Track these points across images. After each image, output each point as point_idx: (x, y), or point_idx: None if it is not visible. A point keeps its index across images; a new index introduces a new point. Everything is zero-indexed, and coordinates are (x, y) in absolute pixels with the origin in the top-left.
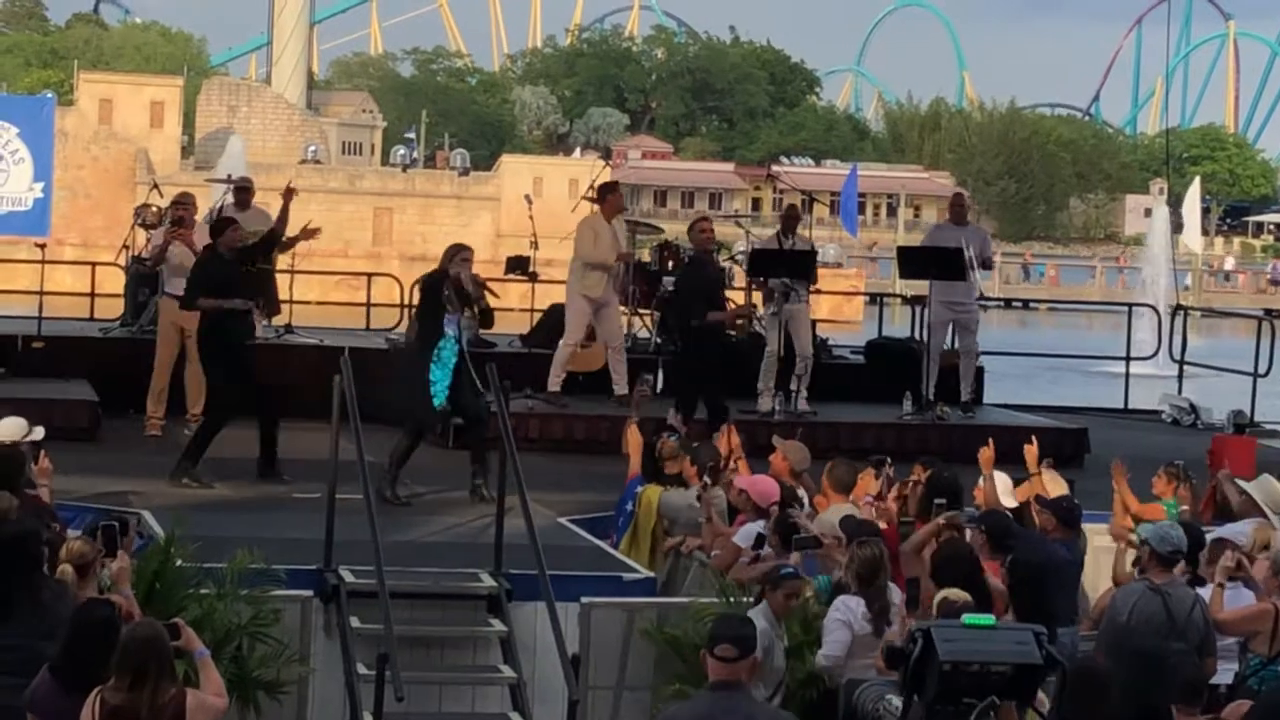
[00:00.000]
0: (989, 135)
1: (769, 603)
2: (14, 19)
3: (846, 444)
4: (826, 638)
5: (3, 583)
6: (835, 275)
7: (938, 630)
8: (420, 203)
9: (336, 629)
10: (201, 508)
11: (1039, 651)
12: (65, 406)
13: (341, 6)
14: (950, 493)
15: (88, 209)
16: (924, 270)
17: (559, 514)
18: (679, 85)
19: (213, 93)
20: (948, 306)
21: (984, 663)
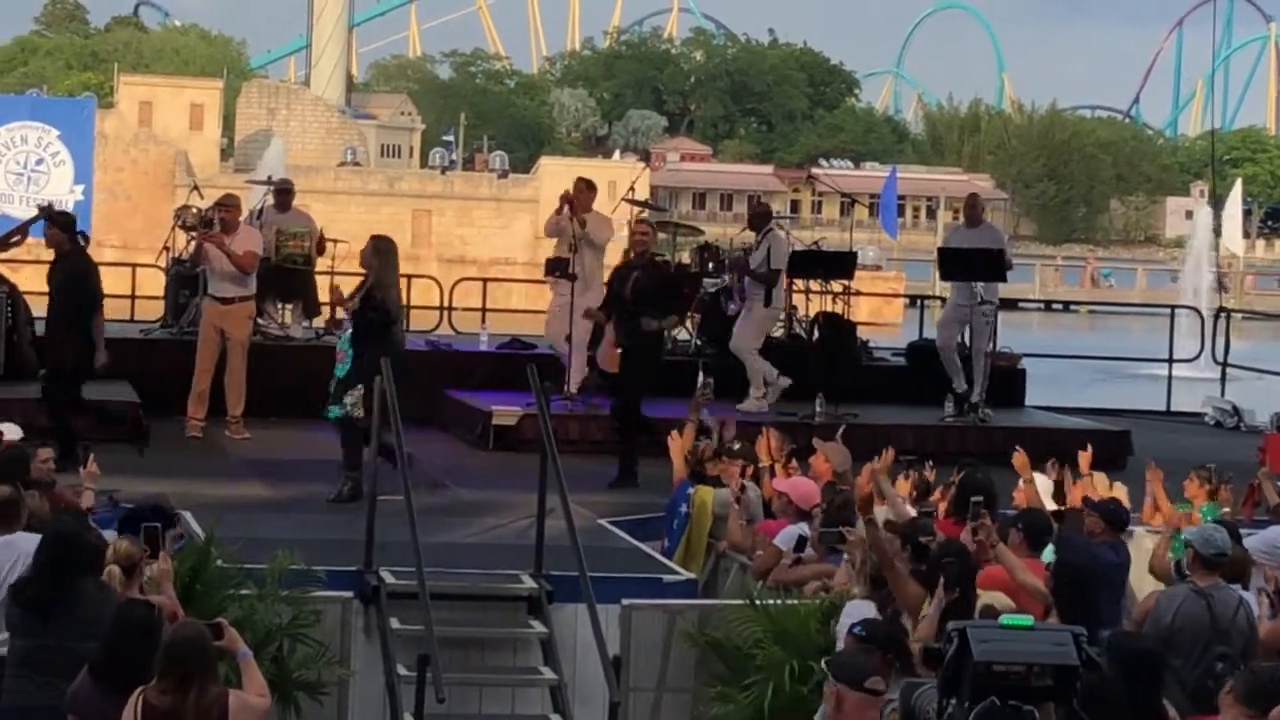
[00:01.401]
0: (1029, 137)
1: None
2: (54, 22)
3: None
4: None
5: (43, 584)
6: (874, 278)
7: (973, 630)
8: (459, 205)
9: (377, 630)
10: (241, 508)
11: (1078, 653)
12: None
13: (380, 9)
14: (984, 493)
15: (127, 211)
16: (965, 271)
17: (598, 515)
18: (718, 87)
19: (252, 95)
20: (958, 307)
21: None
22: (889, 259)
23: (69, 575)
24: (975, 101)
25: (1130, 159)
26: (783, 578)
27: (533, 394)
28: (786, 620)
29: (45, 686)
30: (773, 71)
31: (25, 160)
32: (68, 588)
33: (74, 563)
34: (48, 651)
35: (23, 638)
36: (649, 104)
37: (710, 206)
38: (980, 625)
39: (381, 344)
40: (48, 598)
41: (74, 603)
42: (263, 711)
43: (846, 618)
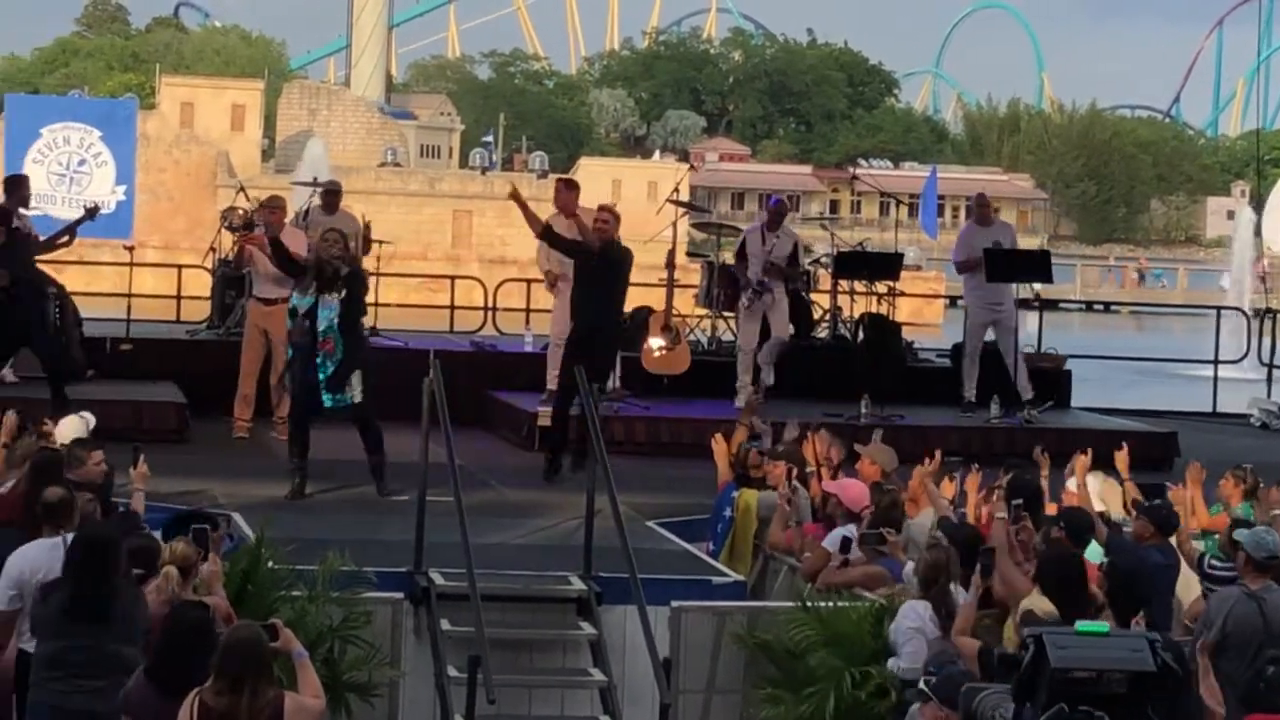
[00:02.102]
0: (1068, 137)
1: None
2: (95, 23)
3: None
4: (903, 648)
5: (85, 586)
6: (915, 278)
7: (1050, 637)
8: (499, 205)
9: (427, 631)
10: (291, 509)
11: (1154, 659)
12: (153, 408)
13: (420, 10)
14: (1029, 494)
15: (169, 211)
16: (1012, 273)
17: (646, 517)
18: (756, 87)
19: (293, 96)
20: (988, 308)
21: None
22: (929, 259)
23: (99, 577)
24: (1014, 101)
25: (1171, 159)
26: (831, 580)
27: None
28: (838, 623)
29: (79, 688)
30: (811, 71)
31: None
32: (98, 589)
33: (104, 564)
34: (82, 652)
35: (53, 639)
36: (687, 104)
37: (749, 207)
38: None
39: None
40: (78, 599)
41: (105, 604)
42: (318, 713)
43: (902, 618)
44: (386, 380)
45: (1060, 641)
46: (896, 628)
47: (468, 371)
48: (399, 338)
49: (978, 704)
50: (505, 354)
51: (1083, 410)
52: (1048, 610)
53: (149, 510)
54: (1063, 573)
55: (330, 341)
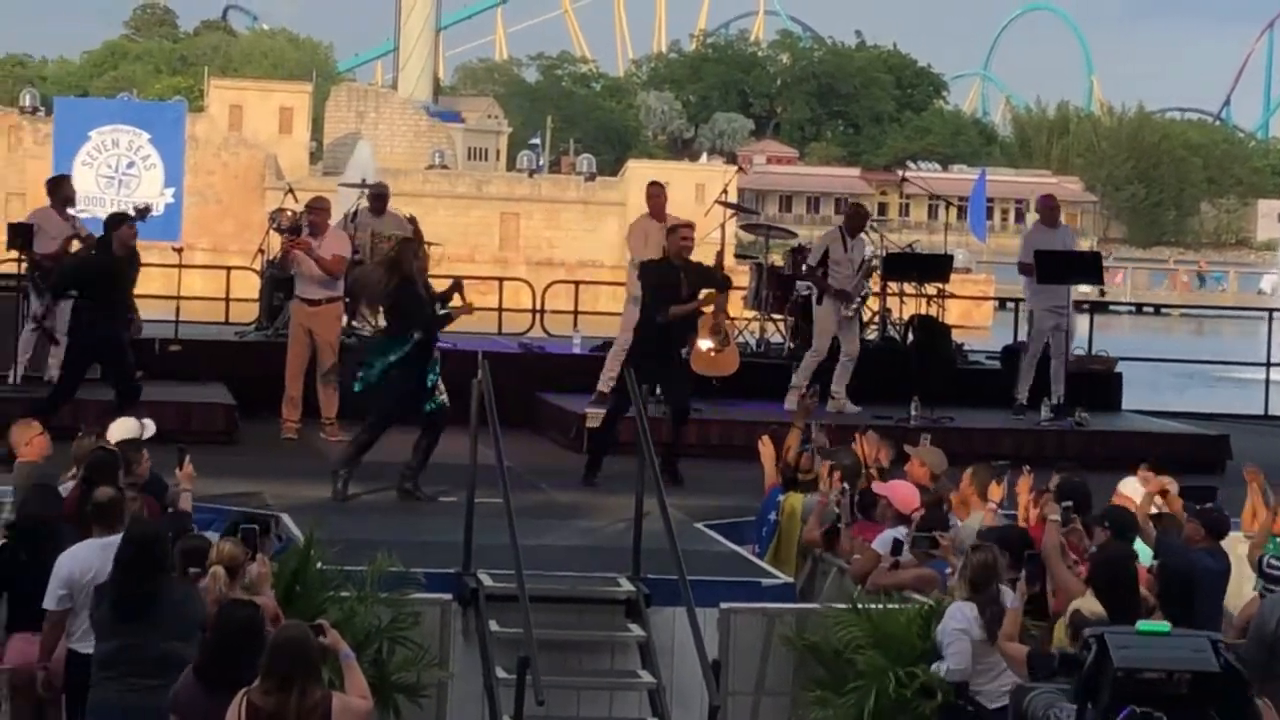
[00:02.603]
0: (1118, 140)
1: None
2: (145, 26)
3: (983, 450)
4: (949, 649)
5: (133, 584)
6: (964, 280)
7: (1112, 637)
8: (546, 208)
9: (475, 633)
10: (339, 510)
11: (1217, 660)
12: (202, 409)
13: (467, 12)
14: (1078, 497)
15: (217, 214)
16: (1064, 275)
17: (695, 519)
18: (804, 90)
19: (341, 99)
20: (1052, 312)
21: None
22: (978, 261)
23: (151, 576)
24: (1063, 104)
25: (1221, 161)
26: (881, 582)
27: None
28: (887, 624)
29: (133, 687)
30: (860, 74)
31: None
32: (150, 588)
33: (154, 563)
34: (133, 651)
35: (109, 639)
36: (735, 107)
37: (797, 209)
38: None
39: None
40: (131, 598)
41: (158, 602)
42: (365, 713)
43: (949, 619)
44: None
45: (1122, 641)
46: (943, 629)
47: (516, 373)
48: (447, 339)
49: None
50: (553, 355)
51: (1134, 413)
52: (1096, 612)
53: (197, 511)
54: (1114, 574)
55: (435, 350)
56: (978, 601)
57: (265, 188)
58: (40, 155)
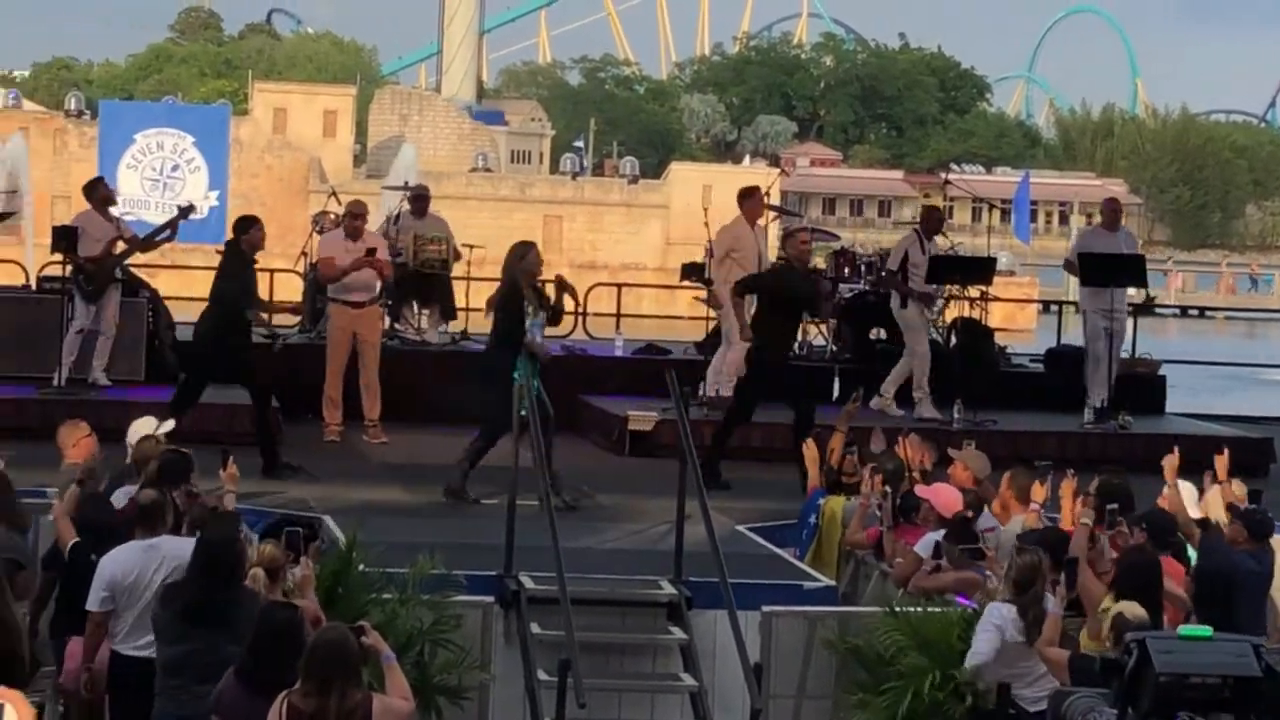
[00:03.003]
0: (1163, 142)
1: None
2: (189, 29)
3: (1026, 453)
4: (976, 639)
5: (198, 589)
6: (1008, 283)
7: (1154, 642)
8: (589, 210)
9: (516, 635)
10: (381, 513)
11: (1259, 664)
12: (246, 412)
13: (510, 15)
14: (1119, 499)
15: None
16: (1108, 277)
17: (737, 522)
18: (848, 92)
19: (385, 102)
20: (1105, 314)
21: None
22: (1021, 264)
23: (223, 581)
24: (1108, 106)
25: (1266, 164)
26: (923, 585)
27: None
28: (928, 628)
29: (203, 695)
30: (903, 76)
31: (161, 166)
32: (221, 594)
33: (228, 569)
34: (201, 656)
35: (174, 644)
36: (778, 109)
37: (840, 212)
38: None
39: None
40: (202, 603)
41: (228, 608)
42: (406, 715)
43: (985, 615)
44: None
45: (1164, 646)
46: (980, 625)
47: (558, 375)
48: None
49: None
50: (596, 358)
51: (1177, 416)
52: (1138, 615)
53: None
54: (1138, 579)
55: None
56: (1020, 604)
57: (309, 191)
58: (85, 158)
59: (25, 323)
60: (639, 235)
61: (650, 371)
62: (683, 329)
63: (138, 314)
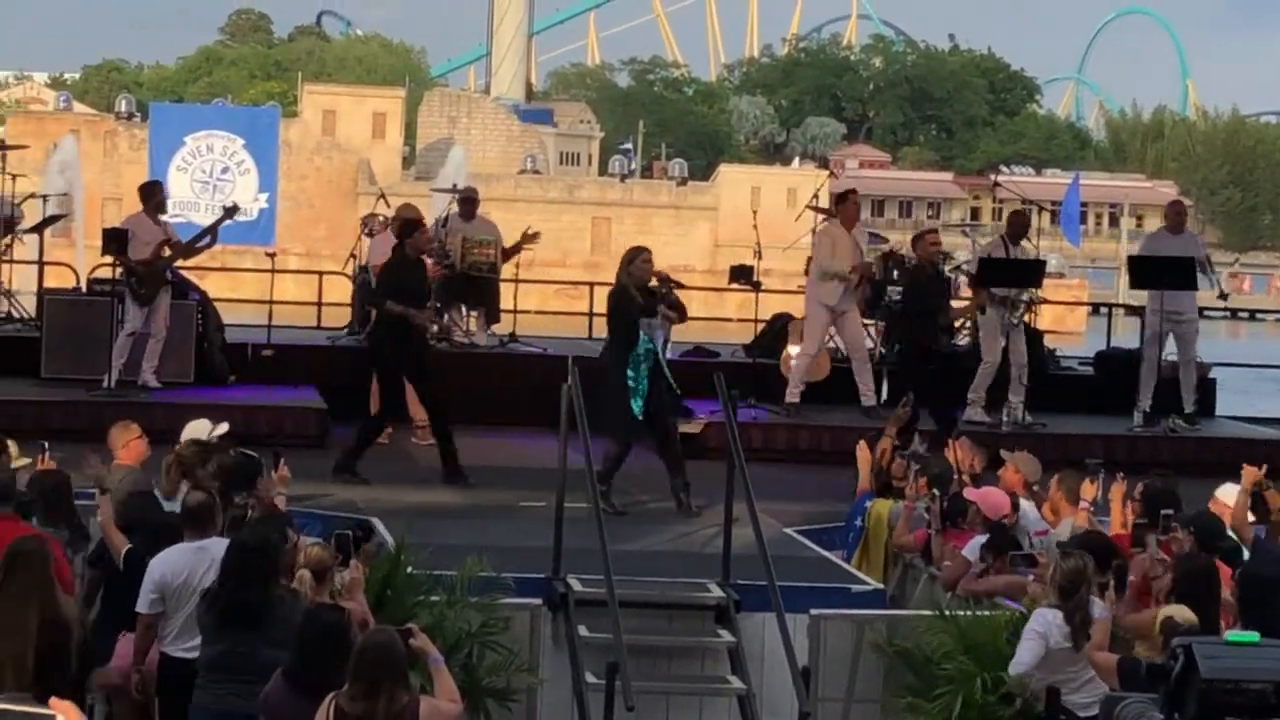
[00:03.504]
0: (1213, 144)
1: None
2: (239, 32)
3: (1075, 456)
4: (1020, 647)
5: (233, 590)
6: (1057, 285)
7: (1199, 647)
8: (638, 212)
9: (565, 638)
10: (429, 515)
11: None
12: (295, 414)
13: (559, 18)
14: (1163, 503)
15: (310, 219)
16: (1157, 280)
17: (785, 525)
18: (897, 94)
19: (434, 104)
20: (1166, 317)
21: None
22: (1071, 266)
23: (257, 581)
24: (1159, 108)
25: None
26: (971, 588)
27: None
28: (976, 631)
29: (236, 692)
30: (953, 78)
31: (211, 169)
32: (258, 594)
33: (262, 569)
34: (239, 657)
35: (215, 643)
36: (827, 111)
37: (889, 214)
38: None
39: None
40: (238, 603)
41: (265, 608)
42: (454, 717)
43: (1031, 626)
44: (526, 386)
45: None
46: (1024, 632)
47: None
48: (538, 344)
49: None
50: None
51: (1228, 419)
52: (1188, 618)
53: None
54: (1197, 586)
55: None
56: (1065, 608)
57: (358, 193)
58: (135, 161)
59: (76, 325)
60: (687, 237)
61: (698, 374)
62: (731, 331)
63: (187, 316)
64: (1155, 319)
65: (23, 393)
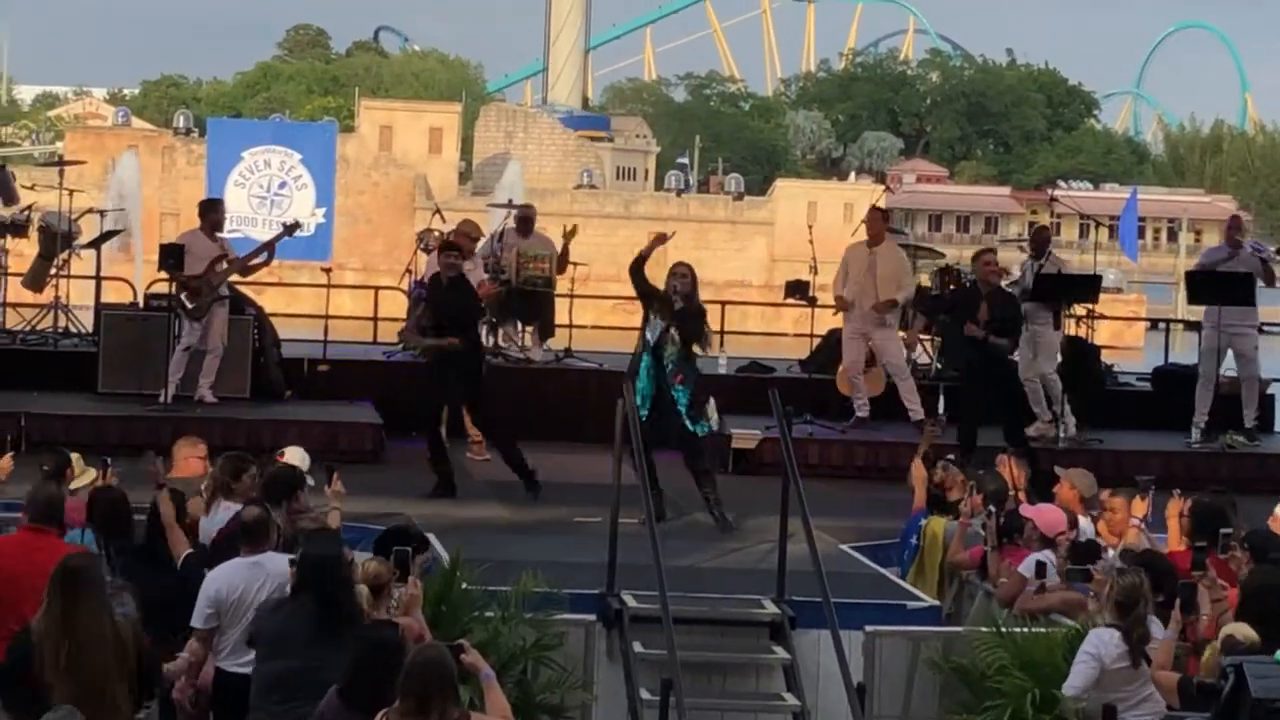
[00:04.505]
0: (1273, 158)
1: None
2: (297, 47)
3: (1131, 472)
4: (1074, 669)
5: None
6: (1115, 300)
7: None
8: (694, 227)
9: (619, 654)
10: (484, 530)
11: None
12: (350, 429)
13: (615, 33)
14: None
15: (367, 234)
16: (1213, 295)
17: (839, 541)
18: (954, 109)
19: (490, 119)
20: (1223, 332)
21: None
22: (1129, 281)
23: (323, 598)
24: (1217, 122)
25: None
26: (1028, 606)
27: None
28: (1032, 648)
29: (294, 709)
30: (1010, 92)
31: (269, 184)
32: (321, 610)
33: (329, 586)
34: (299, 674)
35: (272, 660)
36: (884, 125)
37: (946, 229)
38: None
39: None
40: (300, 620)
41: (328, 626)
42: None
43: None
44: (581, 402)
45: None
46: (1078, 654)
47: None
48: (594, 359)
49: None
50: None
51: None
52: (1249, 636)
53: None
54: (1266, 605)
55: (680, 373)
56: (1122, 626)
57: (415, 208)
58: (193, 176)
59: (134, 340)
60: (744, 252)
61: (754, 390)
62: (787, 346)
63: (243, 331)
64: (1212, 334)
65: (80, 407)
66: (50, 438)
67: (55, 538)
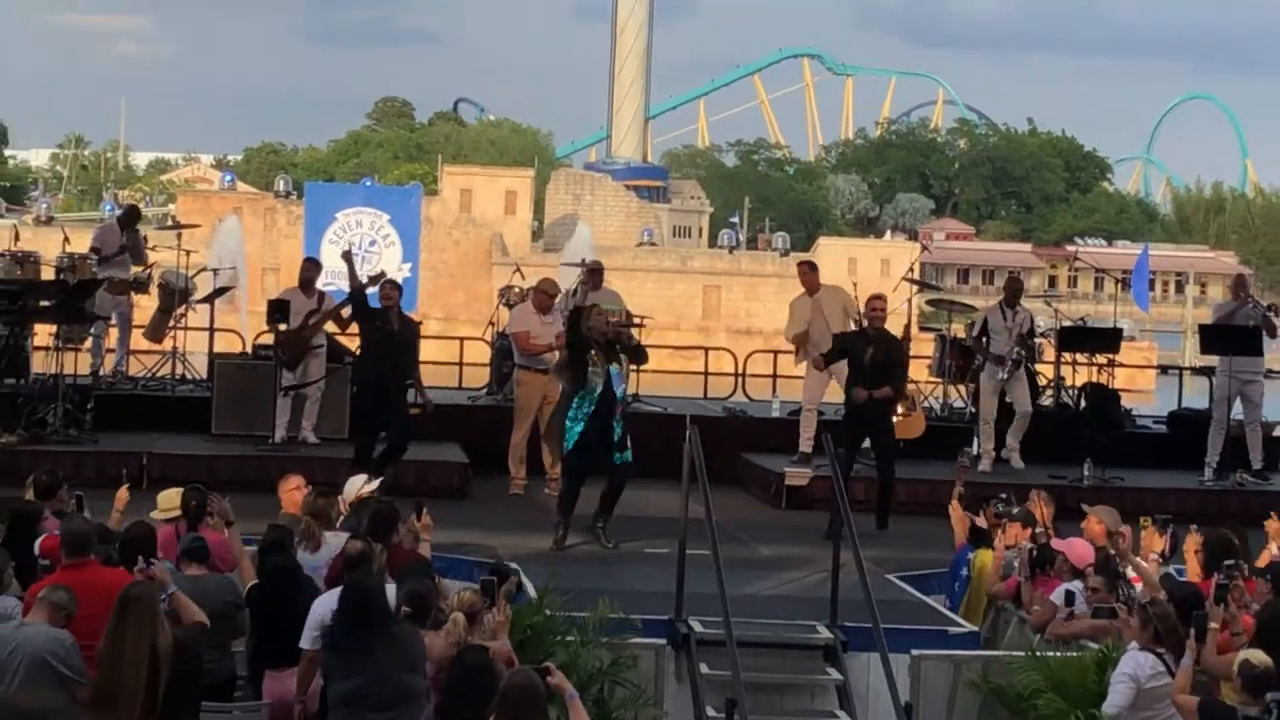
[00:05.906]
0: (1271, 217)
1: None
2: (384, 117)
3: (1151, 508)
4: (1112, 689)
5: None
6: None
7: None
8: (745, 281)
9: (687, 675)
10: (563, 561)
11: None
12: (440, 468)
13: (673, 103)
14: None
15: (449, 287)
16: (1224, 346)
17: (886, 570)
18: (980, 173)
19: (560, 182)
20: (1234, 378)
21: None
22: (1141, 330)
23: (370, 620)
24: (1219, 184)
25: None
26: (1059, 632)
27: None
28: (1064, 670)
29: None
30: (1031, 157)
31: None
32: (372, 631)
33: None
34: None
35: (339, 680)
36: (917, 188)
37: (973, 281)
38: None
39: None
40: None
41: (381, 643)
42: None
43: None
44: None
45: None
46: (1114, 675)
47: (721, 435)
48: (658, 403)
49: None
50: (755, 419)
51: None
52: (1263, 661)
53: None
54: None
55: (621, 406)
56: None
57: (492, 263)
58: (292, 235)
59: (244, 386)
60: None
61: None
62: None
63: (341, 378)
64: (1224, 381)
65: (196, 447)
66: (169, 475)
67: (96, 565)
